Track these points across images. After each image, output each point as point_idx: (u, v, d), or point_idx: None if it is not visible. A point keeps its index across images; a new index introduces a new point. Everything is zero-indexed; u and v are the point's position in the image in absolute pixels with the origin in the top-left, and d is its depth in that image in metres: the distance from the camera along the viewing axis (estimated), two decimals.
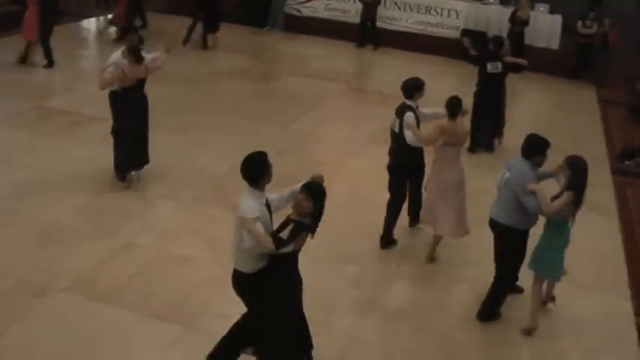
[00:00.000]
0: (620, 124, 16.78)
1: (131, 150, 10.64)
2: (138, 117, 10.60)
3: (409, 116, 9.23)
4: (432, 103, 9.91)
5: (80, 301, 8.00)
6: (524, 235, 8.09)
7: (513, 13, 20.13)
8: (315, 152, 12.52)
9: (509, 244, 8.14)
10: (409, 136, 9.18)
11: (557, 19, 21.36)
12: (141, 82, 10.49)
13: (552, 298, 8.86)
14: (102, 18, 21.37)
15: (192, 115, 13.96)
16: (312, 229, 6.51)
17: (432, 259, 9.60)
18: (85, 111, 13.48)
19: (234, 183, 10.96)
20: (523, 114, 14.72)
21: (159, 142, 11.88)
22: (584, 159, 7.88)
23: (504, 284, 8.41)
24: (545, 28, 21.29)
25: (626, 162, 14.15)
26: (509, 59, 13.52)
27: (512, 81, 15.36)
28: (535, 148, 7.90)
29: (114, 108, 10.65)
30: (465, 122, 9.85)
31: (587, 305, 9.02)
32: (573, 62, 20.43)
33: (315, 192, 6.52)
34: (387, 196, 9.77)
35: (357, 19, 21.85)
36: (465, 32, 20.27)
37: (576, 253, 10.03)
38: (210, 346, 7.13)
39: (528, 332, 8.29)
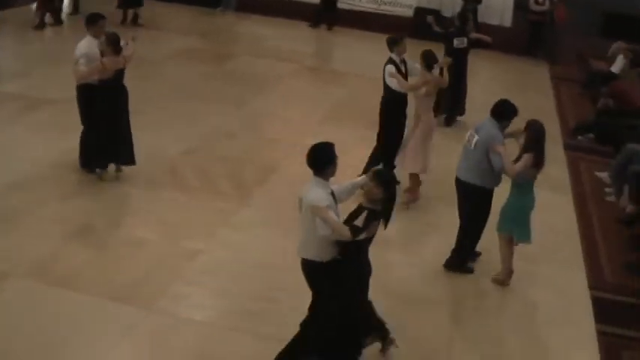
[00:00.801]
0: (572, 100, 16.95)
1: (108, 143, 10.18)
2: (117, 109, 10.19)
3: (390, 67, 10.40)
4: (379, 77, 10.13)
5: (39, 286, 7.89)
6: (490, 194, 8.52)
7: None
8: (269, 132, 12.47)
9: (476, 203, 8.58)
10: (394, 83, 10.31)
11: None
12: (120, 73, 10.11)
13: (511, 254, 8.88)
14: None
15: (143, 98, 13.67)
16: (385, 216, 6.47)
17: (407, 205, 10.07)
18: (39, 94, 13.30)
19: (188, 166, 11.00)
20: (476, 92, 14.74)
21: None
22: (542, 123, 8.36)
23: (470, 239, 8.85)
24: (498, 6, 21.44)
25: (579, 137, 14.31)
26: (474, 35, 14.20)
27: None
28: (507, 112, 8.39)
29: (87, 101, 10.16)
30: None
31: (542, 280, 9.11)
32: (526, 40, 20.58)
33: (384, 179, 6.47)
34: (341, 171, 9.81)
35: None
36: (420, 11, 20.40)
37: (531, 227, 10.16)
38: (169, 326, 7.17)
39: (501, 282, 8.77)
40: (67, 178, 10.33)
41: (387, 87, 10.65)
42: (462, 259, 8.93)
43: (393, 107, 10.68)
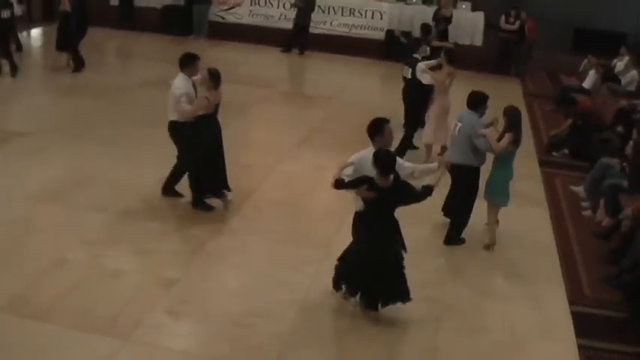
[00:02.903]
0: (545, 116, 17.07)
1: (208, 175, 10.48)
2: (214, 143, 10.45)
3: (421, 65, 12.92)
4: (353, 100, 10.13)
5: (16, 320, 7.78)
6: (477, 171, 9.98)
7: (437, 12, 20.39)
8: (243, 157, 12.41)
9: (467, 180, 9.95)
10: (426, 78, 12.78)
11: (480, 15, 21.71)
12: (217, 107, 10.37)
13: (496, 222, 10.24)
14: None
15: (119, 126, 13.75)
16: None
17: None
18: (11, 127, 13.24)
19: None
20: (451, 111, 14.81)
21: (82, 154, 11.93)
22: (517, 107, 10.10)
23: (463, 215, 10.15)
24: (469, 26, 21.62)
25: (554, 153, 14.39)
26: (436, 43, 15.72)
27: None
28: (479, 100, 10.00)
29: (184, 137, 10.41)
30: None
31: (522, 295, 9.10)
32: (497, 58, 20.76)
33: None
34: (317, 195, 9.86)
35: (281, 24, 21.92)
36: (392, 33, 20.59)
37: (509, 245, 10.23)
38: (149, 356, 7.14)
39: (488, 247, 10.12)
40: (43, 210, 10.23)
41: (416, 82, 12.93)
42: (459, 233, 10.23)
43: (421, 97, 13.26)
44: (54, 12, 16.99)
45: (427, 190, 7.95)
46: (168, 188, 10.85)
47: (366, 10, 22.05)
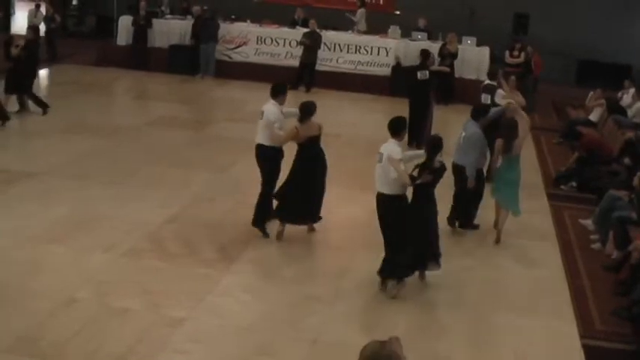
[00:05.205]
0: (552, 150, 17.06)
1: (292, 200, 10.78)
2: (307, 172, 10.82)
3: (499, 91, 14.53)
4: (360, 137, 10.16)
5: None
6: (480, 172, 11.51)
7: (442, 47, 20.49)
8: (250, 196, 12.36)
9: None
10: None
11: (485, 50, 21.77)
12: (315, 139, 10.75)
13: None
14: None
15: (125, 166, 13.80)
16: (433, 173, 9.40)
17: None
18: (17, 167, 13.29)
19: (171, 232, 10.95)
20: (452, 142, 14.86)
21: (87, 194, 12.00)
22: (514, 120, 11.54)
23: (470, 204, 11.67)
24: (474, 60, 21.68)
25: (562, 187, 14.35)
26: (435, 67, 17.04)
27: (444, 114, 15.67)
28: (481, 112, 11.96)
29: (268, 160, 10.90)
30: None
31: (533, 330, 9.04)
32: None
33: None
34: (326, 232, 9.82)
35: (287, 62, 22.02)
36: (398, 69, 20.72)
37: (520, 278, 10.18)
38: None
39: (498, 240, 11.38)
40: (49, 251, 10.22)
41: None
42: (469, 218, 11.77)
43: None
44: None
45: (444, 168, 9.66)
46: (258, 221, 11.07)
47: (372, 47, 22.16)
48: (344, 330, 8.62)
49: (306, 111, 10.66)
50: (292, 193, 10.73)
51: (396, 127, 9.39)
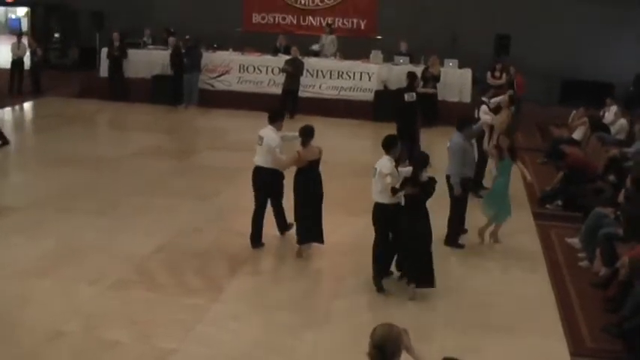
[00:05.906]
0: (536, 169, 17.08)
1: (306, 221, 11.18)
2: (308, 195, 11.12)
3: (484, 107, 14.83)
4: (345, 162, 10.17)
5: None
6: (466, 180, 11.98)
7: (425, 71, 20.58)
8: (236, 225, 12.36)
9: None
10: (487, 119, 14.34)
11: (467, 72, 21.89)
12: (314, 163, 11.04)
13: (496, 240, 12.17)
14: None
15: (110, 196, 13.75)
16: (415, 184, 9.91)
17: None
18: (2, 201, 13.25)
19: (158, 263, 10.89)
20: (439, 164, 14.92)
21: (73, 226, 11.97)
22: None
23: (459, 214, 12.13)
24: (456, 83, 21.79)
25: (547, 206, 14.37)
26: (421, 90, 18.21)
27: (429, 137, 15.73)
28: (465, 123, 12.16)
29: (270, 184, 11.57)
30: None
31: (523, 351, 9.00)
32: None
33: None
34: (315, 259, 9.75)
35: (270, 89, 22.08)
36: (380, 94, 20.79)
37: (508, 298, 10.16)
38: None
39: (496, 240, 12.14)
40: (36, 285, 10.14)
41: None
42: (455, 234, 12.03)
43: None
44: None
45: (433, 182, 10.01)
46: (282, 227, 11.85)
47: (354, 72, 22.24)
48: (336, 356, 8.58)
49: (308, 134, 10.95)
50: (304, 216, 11.17)
51: (389, 145, 10.10)
